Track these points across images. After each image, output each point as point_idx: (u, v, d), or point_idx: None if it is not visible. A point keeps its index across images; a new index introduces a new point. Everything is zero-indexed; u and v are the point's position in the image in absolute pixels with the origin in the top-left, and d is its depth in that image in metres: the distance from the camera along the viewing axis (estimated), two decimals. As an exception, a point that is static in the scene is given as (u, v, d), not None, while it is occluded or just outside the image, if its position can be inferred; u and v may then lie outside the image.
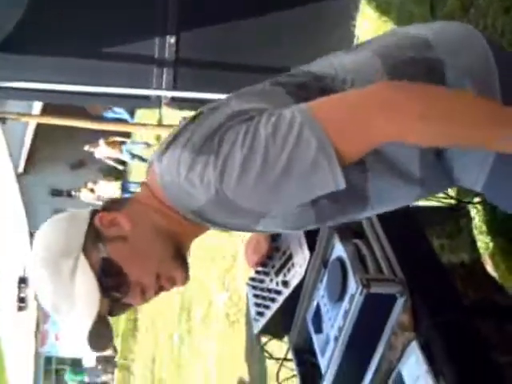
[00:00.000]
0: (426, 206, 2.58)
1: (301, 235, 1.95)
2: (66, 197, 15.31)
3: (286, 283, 1.97)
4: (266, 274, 2.08)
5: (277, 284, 2.01)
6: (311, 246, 1.85)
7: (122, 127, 8.93)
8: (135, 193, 1.35)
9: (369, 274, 1.52)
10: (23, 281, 19.14)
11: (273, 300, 2.02)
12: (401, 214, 1.85)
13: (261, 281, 2.11)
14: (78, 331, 1.25)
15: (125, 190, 11.60)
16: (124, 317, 14.00)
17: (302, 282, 1.87)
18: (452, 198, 2.48)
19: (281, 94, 1.25)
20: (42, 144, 14.94)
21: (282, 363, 2.11)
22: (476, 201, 2.60)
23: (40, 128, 13.21)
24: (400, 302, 1.47)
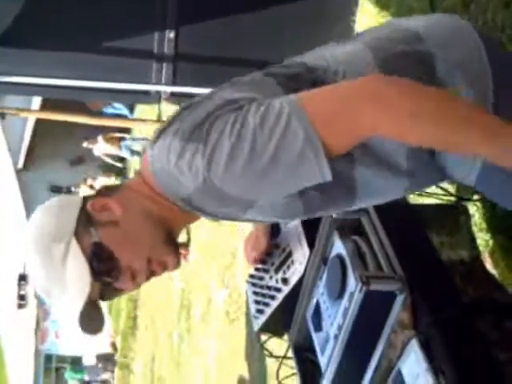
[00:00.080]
0: (426, 204, 2.57)
1: (300, 232, 1.94)
2: (66, 193, 15.33)
3: (285, 280, 1.96)
4: (266, 271, 2.08)
5: (276, 281, 2.01)
6: (311, 243, 1.84)
7: (122, 123, 8.92)
8: (128, 180, 1.35)
9: (368, 271, 1.51)
10: (23, 278, 19.15)
11: (272, 297, 2.02)
12: (400, 211, 1.85)
13: (260, 278, 2.10)
14: (69, 314, 1.27)
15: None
16: (124, 315, 14.02)
17: (301, 280, 1.86)
18: (452, 195, 2.47)
19: (271, 84, 1.25)
20: (42, 140, 14.94)
21: (281, 361, 2.11)
22: (475, 198, 2.59)
23: (39, 124, 13.20)
24: (400, 299, 1.47)
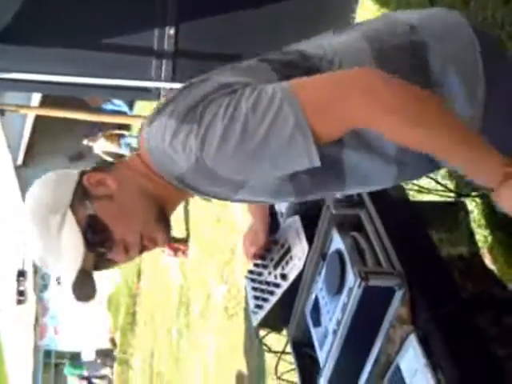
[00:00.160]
0: (425, 200, 2.57)
1: (299, 228, 1.95)
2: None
3: (284, 276, 1.96)
4: (265, 266, 2.08)
5: (275, 277, 2.01)
6: (310, 239, 1.84)
7: (121, 119, 8.91)
8: (125, 157, 1.41)
9: (367, 266, 1.52)
10: (22, 274, 19.16)
11: (271, 293, 2.02)
12: (399, 207, 1.85)
13: (259, 274, 2.10)
14: (64, 282, 1.31)
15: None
16: (123, 310, 14.02)
17: (300, 275, 1.87)
18: (451, 191, 2.47)
19: (266, 70, 1.29)
20: (41, 136, 14.90)
21: (280, 356, 2.11)
22: (474, 194, 2.59)
23: (39, 120, 13.16)
24: (398, 294, 1.47)
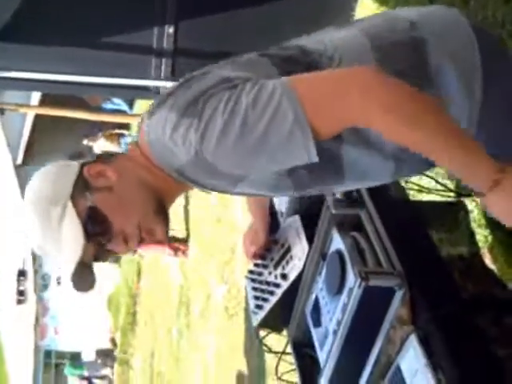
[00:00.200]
0: (425, 200, 2.57)
1: (299, 228, 1.94)
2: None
3: (284, 276, 1.96)
4: (265, 266, 2.07)
5: (275, 277, 2.01)
6: (310, 239, 1.84)
7: (121, 118, 8.91)
8: (125, 149, 1.41)
9: (367, 266, 1.51)
10: (22, 274, 19.17)
11: (271, 293, 2.01)
12: (399, 207, 1.85)
13: (259, 274, 2.10)
14: (64, 275, 1.31)
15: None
16: (123, 311, 14.02)
17: (300, 275, 1.86)
18: (451, 190, 2.46)
19: (266, 64, 1.30)
20: (41, 135, 14.89)
21: (280, 357, 2.10)
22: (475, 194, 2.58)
23: (39, 119, 13.15)
24: (398, 295, 1.47)
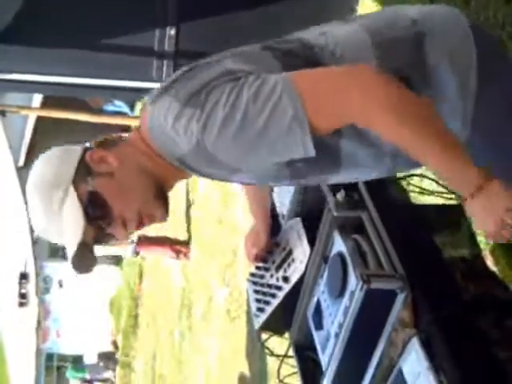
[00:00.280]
0: (427, 203, 2.56)
1: (300, 230, 1.94)
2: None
3: (286, 279, 1.96)
4: (267, 269, 2.07)
5: (277, 280, 2.01)
6: (311, 242, 1.84)
7: (123, 120, 8.90)
8: (127, 135, 1.45)
9: (369, 269, 1.51)
10: (24, 277, 19.15)
11: (273, 296, 2.01)
12: (401, 208, 1.84)
13: (261, 276, 2.10)
14: (67, 253, 1.36)
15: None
16: (125, 313, 14.02)
17: (302, 278, 1.86)
18: (453, 193, 2.46)
19: (268, 58, 1.33)
20: (43, 138, 14.90)
21: (282, 360, 2.10)
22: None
23: (40, 121, 13.17)
24: (400, 297, 1.46)
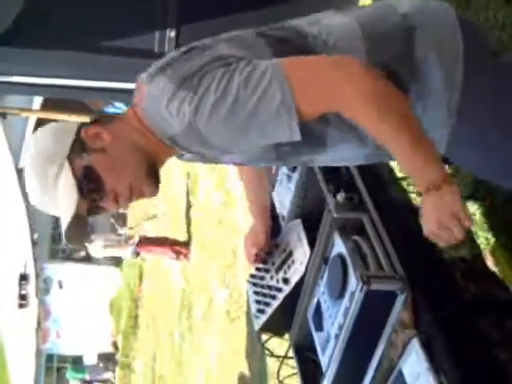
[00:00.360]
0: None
1: (300, 231, 1.94)
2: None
3: (286, 280, 1.96)
4: (267, 270, 2.08)
5: (277, 281, 2.01)
6: (311, 243, 1.84)
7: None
8: (122, 112, 1.52)
9: (369, 270, 1.51)
10: (24, 278, 19.13)
11: (273, 297, 2.02)
12: (401, 210, 1.85)
13: (261, 278, 2.10)
14: (62, 225, 1.42)
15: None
16: (125, 314, 14.01)
17: (302, 279, 1.86)
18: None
19: (261, 44, 1.38)
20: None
21: (282, 361, 2.10)
22: (476, 196, 2.59)
23: (40, 123, 13.17)
24: (400, 298, 1.47)
